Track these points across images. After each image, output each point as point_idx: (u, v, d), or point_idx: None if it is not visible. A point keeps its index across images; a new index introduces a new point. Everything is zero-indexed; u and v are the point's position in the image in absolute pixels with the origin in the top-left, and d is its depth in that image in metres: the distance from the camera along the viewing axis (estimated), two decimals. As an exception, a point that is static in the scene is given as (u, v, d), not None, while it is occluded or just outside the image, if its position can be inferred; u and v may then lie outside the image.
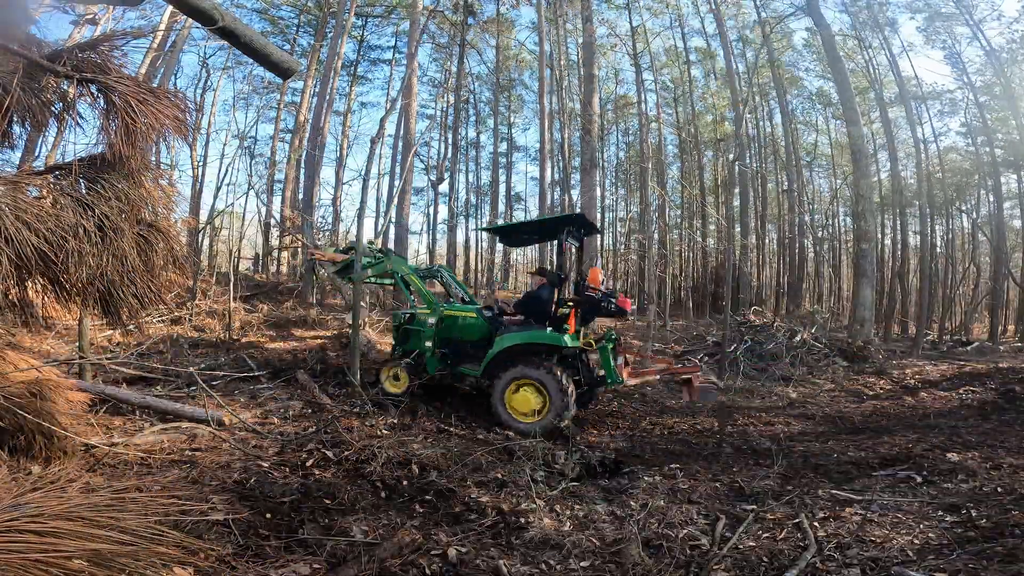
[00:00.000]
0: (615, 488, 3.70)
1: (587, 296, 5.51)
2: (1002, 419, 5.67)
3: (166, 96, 2.46)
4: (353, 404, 5.36)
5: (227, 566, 2.22)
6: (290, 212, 17.31)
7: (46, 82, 2.26)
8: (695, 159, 25.56)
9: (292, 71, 2.62)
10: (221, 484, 3.10)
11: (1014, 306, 20.62)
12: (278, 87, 21.45)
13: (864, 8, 17.79)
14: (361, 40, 24.03)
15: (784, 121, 21.42)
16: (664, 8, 22.20)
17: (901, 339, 16.56)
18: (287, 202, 18.98)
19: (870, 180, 14.94)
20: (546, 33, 16.61)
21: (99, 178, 2.42)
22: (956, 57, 18.00)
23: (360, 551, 2.48)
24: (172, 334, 8.50)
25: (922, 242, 17.59)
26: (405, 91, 15.72)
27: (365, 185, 9.60)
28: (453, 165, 19.34)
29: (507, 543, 2.74)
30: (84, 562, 1.47)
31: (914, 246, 20.26)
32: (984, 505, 3.09)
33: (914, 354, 12.54)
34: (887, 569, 2.39)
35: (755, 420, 6.03)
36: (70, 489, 1.86)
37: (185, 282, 8.72)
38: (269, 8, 21.18)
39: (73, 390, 3.43)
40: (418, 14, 16.42)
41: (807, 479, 3.87)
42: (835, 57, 14.35)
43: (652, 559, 2.57)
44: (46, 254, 2.15)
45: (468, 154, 29.32)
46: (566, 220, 5.65)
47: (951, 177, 20.06)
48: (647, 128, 21.66)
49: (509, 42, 23.80)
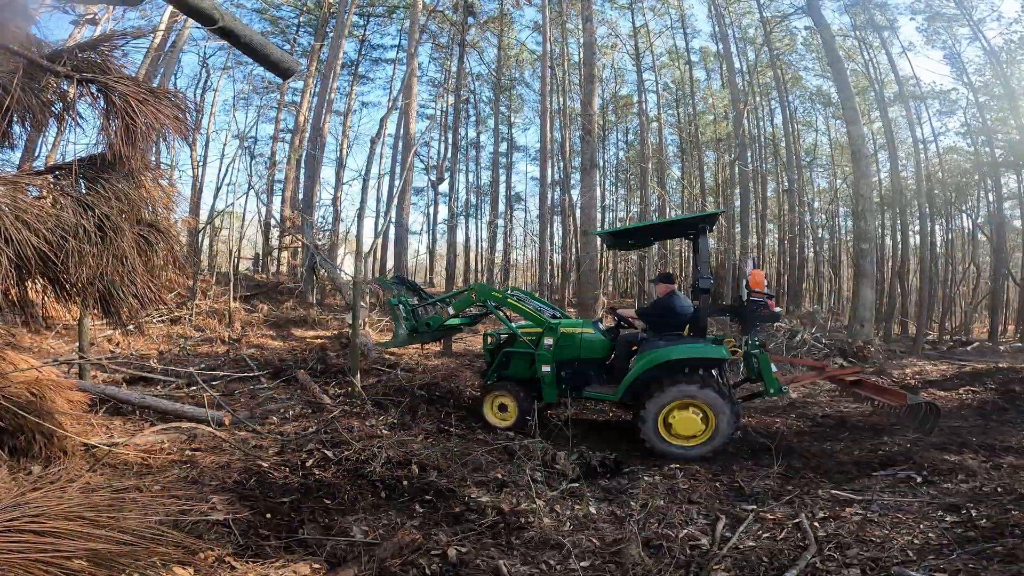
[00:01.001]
0: (615, 488, 3.70)
1: (753, 301, 4.97)
2: (1002, 419, 5.67)
3: (166, 96, 2.46)
4: (353, 404, 5.35)
5: (227, 566, 2.22)
6: (290, 212, 17.31)
7: (46, 82, 2.26)
8: (695, 159, 25.55)
9: (292, 71, 2.62)
10: (221, 484, 3.10)
11: (1014, 306, 20.61)
12: (278, 87, 21.44)
13: (863, 10, 17.78)
14: (363, 40, 24.00)
15: (785, 121, 21.42)
16: (666, 9, 22.21)
17: (901, 339, 16.54)
18: (287, 202, 18.97)
19: (870, 180, 14.93)
20: (548, 33, 16.60)
21: (99, 178, 2.42)
22: (956, 57, 18.00)
23: (360, 551, 2.49)
24: (172, 334, 8.50)
25: (922, 242, 17.59)
26: (405, 91, 15.72)
27: (365, 185, 9.64)
28: (453, 165, 19.35)
29: (507, 543, 2.74)
30: (84, 562, 1.47)
31: (914, 246, 20.25)
32: (984, 505, 3.08)
33: (914, 354, 12.54)
34: (887, 569, 2.39)
35: (755, 420, 6.03)
36: (70, 489, 1.86)
37: (185, 282, 8.73)
38: (269, 8, 21.16)
39: (73, 390, 3.44)
40: (418, 14, 16.42)
41: (807, 479, 3.87)
42: (835, 57, 14.35)
43: (652, 559, 2.57)
44: (46, 254, 2.15)
45: (468, 154, 29.29)
46: (705, 219, 5.11)
47: (951, 177, 20.05)
48: (647, 128, 21.66)
49: (510, 41, 23.79)
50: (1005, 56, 16.58)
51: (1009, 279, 18.55)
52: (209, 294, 11.49)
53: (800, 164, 21.90)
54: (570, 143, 19.51)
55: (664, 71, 24.61)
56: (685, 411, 4.56)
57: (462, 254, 27.65)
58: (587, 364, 5.20)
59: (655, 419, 4.56)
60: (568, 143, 19.15)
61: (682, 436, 4.56)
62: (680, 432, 4.56)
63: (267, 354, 7.75)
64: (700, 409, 4.56)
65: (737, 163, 17.97)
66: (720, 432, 4.51)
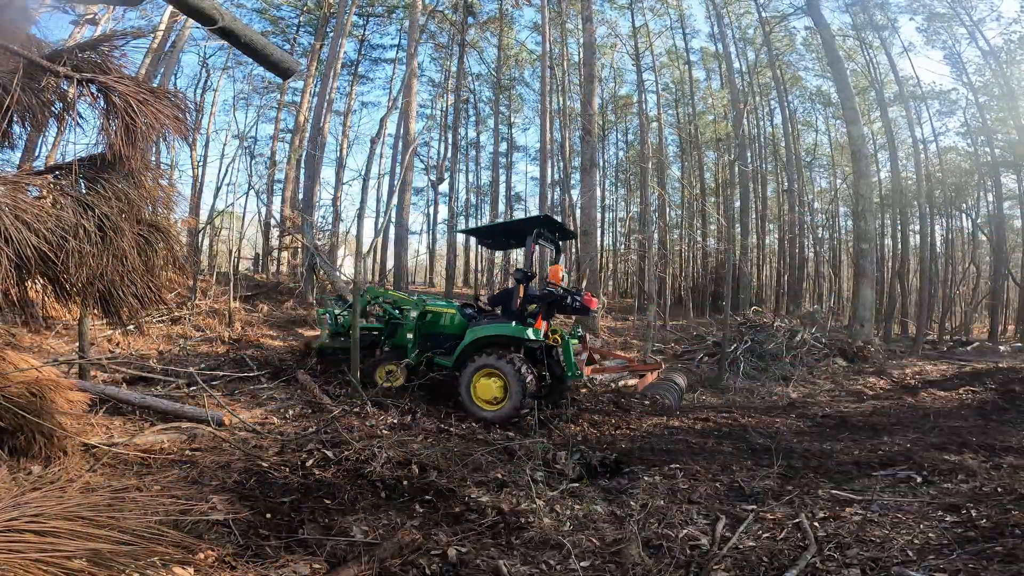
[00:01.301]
0: (615, 488, 3.70)
1: (547, 292, 5.80)
2: (1002, 419, 5.67)
3: (166, 96, 2.46)
4: (353, 404, 5.35)
5: (227, 566, 2.22)
6: (290, 212, 17.31)
7: (46, 82, 2.25)
8: (695, 159, 25.56)
9: (292, 71, 2.62)
10: (221, 484, 3.10)
11: (1014, 306, 20.61)
12: (278, 87, 21.45)
13: (863, 9, 17.78)
14: (362, 39, 24.01)
15: (784, 121, 21.42)
16: (665, 9, 22.21)
17: (901, 339, 16.55)
18: (287, 202, 18.97)
19: (870, 180, 14.95)
20: (548, 32, 16.60)
21: (99, 178, 2.42)
22: (956, 57, 18.01)
23: (360, 551, 2.48)
24: (172, 334, 8.50)
25: (922, 242, 17.59)
26: (405, 91, 15.73)
27: (365, 185, 9.65)
28: (453, 165, 19.36)
29: (507, 543, 2.74)
30: (84, 562, 1.47)
31: (914, 246, 20.26)
32: (984, 505, 3.08)
33: (914, 354, 12.55)
34: (887, 569, 2.39)
35: (755, 420, 6.03)
36: (70, 489, 1.87)
37: (185, 282, 8.72)
38: (269, 8, 21.17)
39: (73, 390, 3.43)
40: (418, 13, 16.42)
41: (807, 479, 3.87)
42: (835, 57, 14.36)
43: (652, 559, 2.57)
44: (46, 254, 2.15)
45: (468, 154, 29.33)
46: (534, 222, 6.00)
47: (951, 177, 20.06)
48: (647, 128, 21.66)
49: (509, 41, 23.79)
50: (1005, 56, 16.59)
51: (1009, 279, 18.55)
52: (209, 294, 11.49)
53: (800, 164, 21.90)
54: (570, 143, 19.51)
55: (664, 71, 24.63)
56: (488, 379, 5.44)
57: (462, 254, 27.67)
58: (446, 338, 6.17)
59: (468, 383, 5.48)
60: (568, 143, 19.14)
61: (485, 400, 5.42)
62: (483, 396, 5.43)
63: (267, 354, 7.75)
64: (500, 379, 5.39)
65: (737, 163, 17.97)
66: (512, 399, 5.29)
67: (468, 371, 5.50)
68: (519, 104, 28.32)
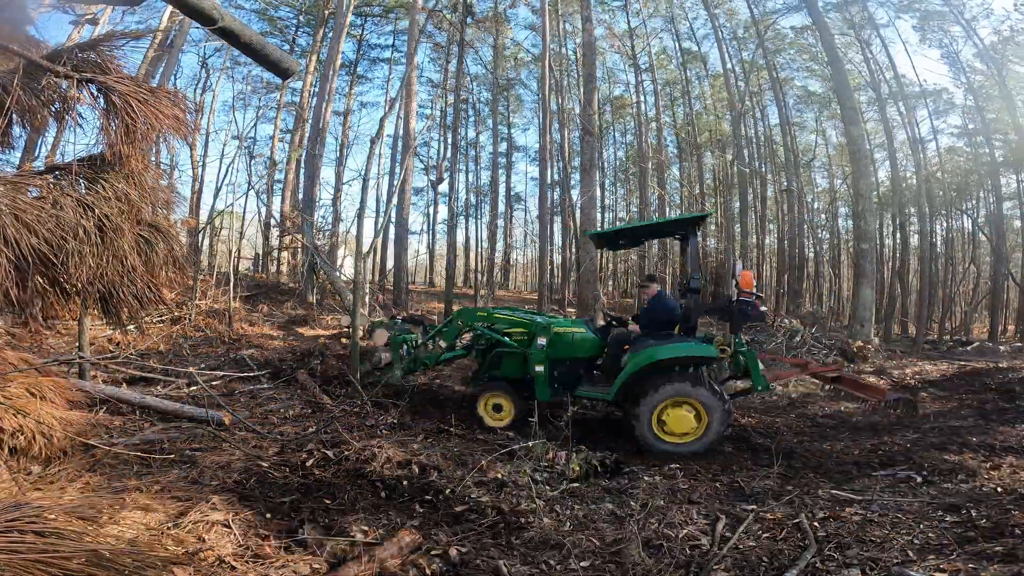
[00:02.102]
0: (615, 488, 3.70)
1: (742, 301, 5.05)
2: (1002, 419, 5.67)
3: (166, 96, 2.46)
4: (353, 404, 5.35)
5: (227, 566, 2.21)
6: (290, 212, 17.30)
7: (46, 82, 2.25)
8: (694, 159, 25.55)
9: (291, 71, 2.62)
10: (221, 484, 3.10)
11: (1014, 306, 20.59)
12: (278, 87, 21.44)
13: (862, 8, 17.78)
14: (360, 39, 24.01)
15: (782, 121, 21.41)
16: (659, 10, 22.22)
17: (901, 339, 16.54)
18: (287, 202, 18.97)
19: (869, 180, 14.95)
20: (547, 31, 16.58)
21: (99, 178, 2.42)
22: (954, 56, 18.00)
23: (360, 551, 2.48)
24: (172, 334, 8.50)
25: (922, 242, 17.59)
26: (404, 91, 15.71)
27: (365, 185, 9.63)
28: (453, 165, 19.31)
29: (507, 543, 2.74)
30: (84, 562, 1.47)
31: (914, 246, 20.25)
32: (984, 505, 3.09)
33: (914, 354, 12.53)
34: (887, 569, 2.39)
35: (755, 420, 6.03)
36: (70, 489, 1.87)
37: (185, 282, 8.72)
38: (268, 8, 21.17)
39: (73, 390, 3.43)
40: (417, 13, 16.41)
41: (807, 479, 3.87)
42: (835, 57, 14.36)
43: (652, 559, 2.57)
44: (46, 254, 2.15)
45: (468, 154, 29.29)
46: (693, 221, 5.22)
47: (951, 177, 20.06)
48: (646, 128, 21.65)
49: (504, 41, 23.77)
50: (996, 56, 16.58)
51: (1009, 279, 18.54)
52: (209, 294, 11.48)
53: (799, 164, 21.90)
54: (569, 143, 19.50)
55: (661, 72, 24.61)
56: (678, 409, 4.63)
57: (462, 254, 27.66)
58: (579, 363, 5.30)
59: (649, 417, 4.63)
60: (567, 143, 19.14)
61: (676, 434, 4.63)
62: (674, 430, 4.63)
63: (267, 354, 7.75)
64: (693, 407, 4.63)
65: (736, 163, 17.97)
66: (713, 429, 4.59)
67: (649, 402, 4.62)
68: (518, 104, 28.36)
